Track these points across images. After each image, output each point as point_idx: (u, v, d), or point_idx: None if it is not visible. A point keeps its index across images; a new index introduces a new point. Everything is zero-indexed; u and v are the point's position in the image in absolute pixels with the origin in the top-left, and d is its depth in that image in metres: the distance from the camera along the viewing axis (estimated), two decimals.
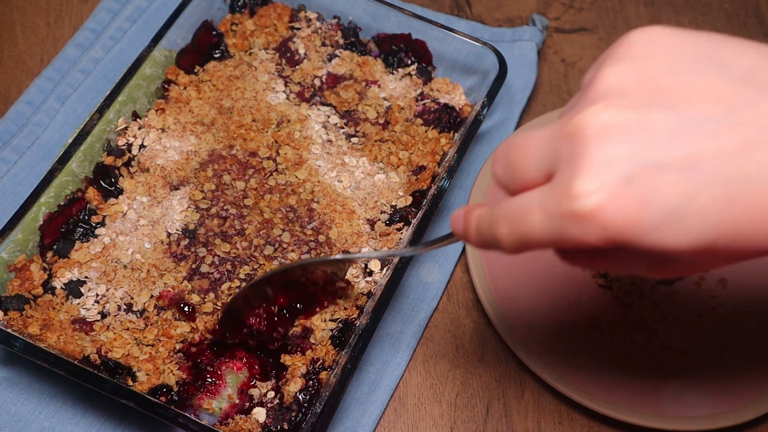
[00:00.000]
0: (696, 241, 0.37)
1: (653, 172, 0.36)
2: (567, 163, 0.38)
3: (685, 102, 0.37)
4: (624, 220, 0.37)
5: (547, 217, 0.39)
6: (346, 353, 0.64)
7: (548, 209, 0.39)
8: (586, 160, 0.37)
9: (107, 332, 0.65)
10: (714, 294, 0.77)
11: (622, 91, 0.38)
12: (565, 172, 0.38)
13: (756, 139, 0.36)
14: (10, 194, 0.79)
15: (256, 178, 0.74)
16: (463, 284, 0.78)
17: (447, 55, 0.81)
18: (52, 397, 0.69)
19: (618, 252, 0.40)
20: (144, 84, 0.76)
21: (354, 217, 0.72)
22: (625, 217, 0.37)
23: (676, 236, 0.37)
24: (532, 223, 0.40)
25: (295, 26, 0.83)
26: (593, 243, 0.38)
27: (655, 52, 0.39)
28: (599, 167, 0.37)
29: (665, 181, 0.36)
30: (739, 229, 0.36)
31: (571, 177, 0.38)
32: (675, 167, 0.36)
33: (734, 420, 0.68)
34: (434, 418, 0.72)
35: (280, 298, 0.66)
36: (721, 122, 0.36)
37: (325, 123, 0.78)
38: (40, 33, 0.90)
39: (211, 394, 0.66)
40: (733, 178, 0.36)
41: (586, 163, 0.37)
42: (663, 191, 0.36)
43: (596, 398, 0.69)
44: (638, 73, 0.38)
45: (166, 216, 0.71)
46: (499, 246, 0.44)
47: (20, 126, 0.83)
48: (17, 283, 0.66)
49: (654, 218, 0.36)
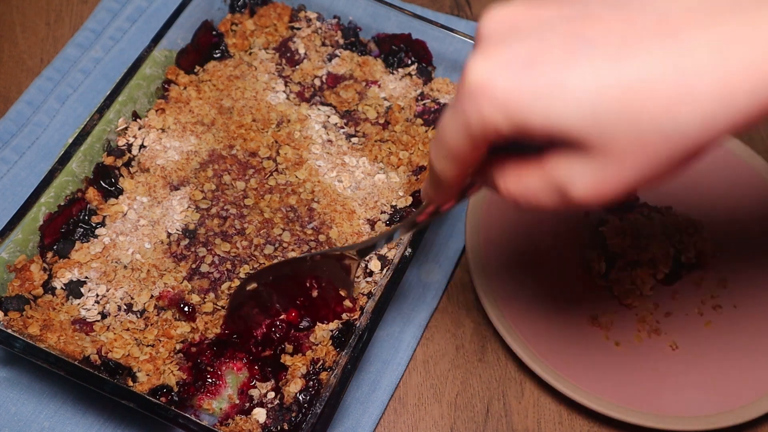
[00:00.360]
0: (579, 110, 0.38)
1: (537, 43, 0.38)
2: None
3: None
4: (510, 86, 0.38)
5: (453, 114, 0.41)
6: (346, 353, 0.64)
7: (452, 106, 0.42)
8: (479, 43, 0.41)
9: (107, 333, 0.65)
10: (714, 294, 0.77)
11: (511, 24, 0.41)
12: None
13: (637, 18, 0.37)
14: (10, 194, 0.79)
15: (257, 178, 0.74)
16: (463, 284, 0.79)
17: (447, 55, 0.81)
18: (52, 398, 0.69)
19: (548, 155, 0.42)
20: (144, 84, 0.76)
21: (354, 217, 0.72)
22: (511, 81, 0.38)
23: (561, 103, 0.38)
24: (446, 130, 0.43)
25: (295, 26, 0.83)
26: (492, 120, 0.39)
27: None
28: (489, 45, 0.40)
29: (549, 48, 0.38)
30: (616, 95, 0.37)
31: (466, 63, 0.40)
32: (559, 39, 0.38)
33: (734, 420, 0.68)
34: (434, 418, 0.72)
35: (292, 312, 0.67)
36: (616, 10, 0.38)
37: (325, 123, 0.78)
38: (40, 33, 0.90)
39: (211, 395, 0.66)
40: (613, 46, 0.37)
41: (478, 46, 0.40)
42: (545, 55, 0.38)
43: (596, 398, 0.69)
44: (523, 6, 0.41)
45: (166, 216, 0.71)
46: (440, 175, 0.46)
47: (20, 126, 0.83)
48: (17, 284, 0.66)
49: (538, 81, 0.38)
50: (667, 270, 0.76)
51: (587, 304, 0.76)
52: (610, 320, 0.75)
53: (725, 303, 0.77)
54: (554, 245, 0.79)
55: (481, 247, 0.75)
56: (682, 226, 0.78)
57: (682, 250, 0.77)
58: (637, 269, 0.76)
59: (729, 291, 0.77)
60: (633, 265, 0.76)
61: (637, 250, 0.76)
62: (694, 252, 0.77)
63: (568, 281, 0.77)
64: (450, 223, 0.81)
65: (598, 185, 0.40)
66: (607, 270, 0.77)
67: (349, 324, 0.67)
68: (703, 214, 0.80)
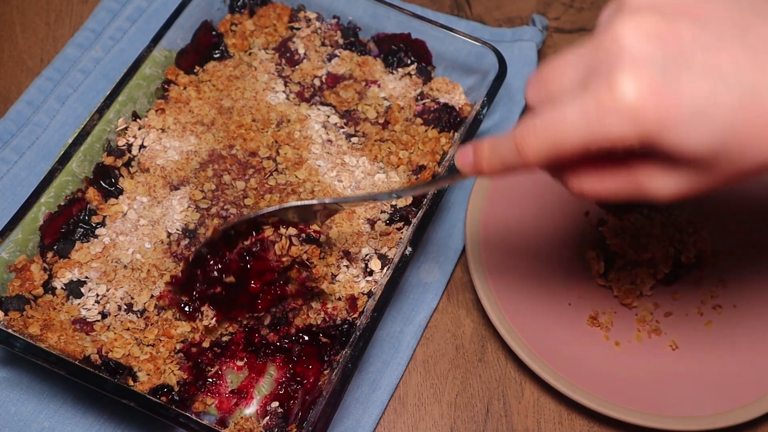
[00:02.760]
0: (713, 141, 0.41)
1: (684, 73, 0.41)
2: (605, 68, 0.42)
3: (707, 20, 0.42)
4: (658, 113, 0.41)
5: (585, 116, 0.42)
6: (346, 353, 0.64)
7: (586, 108, 0.42)
8: (626, 60, 0.41)
9: (108, 332, 0.65)
10: (714, 294, 0.77)
11: (653, 7, 0.43)
12: (604, 76, 0.42)
13: (764, 59, 0.41)
14: (10, 194, 0.79)
15: (257, 177, 0.74)
16: (463, 284, 0.79)
17: (447, 55, 0.81)
18: (52, 397, 0.69)
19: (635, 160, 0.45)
20: (144, 84, 0.76)
21: (354, 216, 0.72)
22: (660, 109, 0.41)
23: (698, 133, 0.41)
24: (566, 125, 0.43)
25: (295, 26, 0.83)
26: (628, 138, 0.42)
27: None
28: (638, 65, 0.41)
29: (693, 82, 0.41)
30: (749, 133, 0.41)
31: (611, 73, 0.41)
32: (701, 71, 0.41)
33: (734, 420, 0.68)
34: (434, 418, 0.72)
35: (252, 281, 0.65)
36: (737, 40, 0.42)
37: (325, 123, 0.78)
38: (40, 33, 0.90)
39: (211, 394, 0.66)
40: (746, 88, 0.41)
41: (625, 62, 0.41)
42: (691, 89, 0.41)
43: (596, 398, 0.69)
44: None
45: (167, 216, 0.71)
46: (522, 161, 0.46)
47: (20, 126, 0.83)
48: (18, 284, 0.66)
49: (684, 113, 0.41)
50: (667, 270, 0.76)
51: (587, 304, 0.76)
52: (610, 320, 0.75)
53: (725, 303, 0.77)
54: (554, 245, 0.79)
55: (481, 248, 0.75)
56: (682, 226, 0.78)
57: (682, 250, 0.77)
58: (637, 269, 0.76)
59: (729, 291, 0.77)
60: (633, 265, 0.76)
61: (637, 250, 0.76)
62: (694, 252, 0.77)
63: (568, 281, 0.77)
64: (450, 223, 0.81)
65: (681, 190, 0.45)
66: (607, 270, 0.77)
67: (349, 323, 0.67)
68: (703, 214, 0.80)
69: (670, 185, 0.45)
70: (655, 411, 0.69)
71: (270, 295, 0.65)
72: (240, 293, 0.65)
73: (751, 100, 0.41)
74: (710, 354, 0.73)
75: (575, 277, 0.78)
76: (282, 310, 0.67)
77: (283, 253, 0.64)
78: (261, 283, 0.64)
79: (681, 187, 0.45)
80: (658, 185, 0.45)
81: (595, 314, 0.75)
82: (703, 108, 0.41)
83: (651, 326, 0.75)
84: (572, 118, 0.43)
